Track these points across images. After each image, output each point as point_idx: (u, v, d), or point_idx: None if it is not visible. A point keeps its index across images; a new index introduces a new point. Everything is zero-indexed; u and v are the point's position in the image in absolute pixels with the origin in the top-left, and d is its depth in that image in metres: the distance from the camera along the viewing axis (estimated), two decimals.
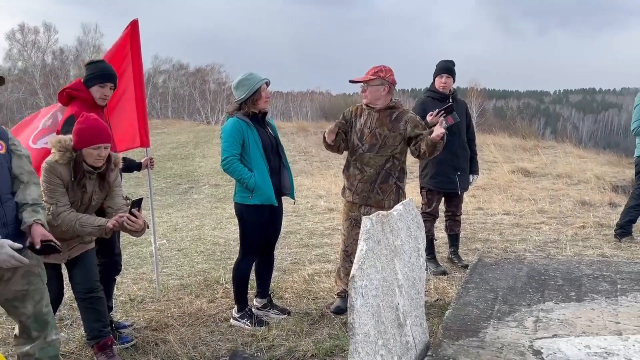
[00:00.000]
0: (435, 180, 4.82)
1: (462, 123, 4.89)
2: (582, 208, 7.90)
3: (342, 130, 3.91)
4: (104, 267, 3.58)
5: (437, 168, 4.80)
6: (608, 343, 2.61)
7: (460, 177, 4.84)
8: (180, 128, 22.90)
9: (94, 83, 3.47)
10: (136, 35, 4.02)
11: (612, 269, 3.80)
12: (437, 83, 4.86)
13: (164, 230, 7.07)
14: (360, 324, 2.18)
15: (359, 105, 3.98)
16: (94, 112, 3.49)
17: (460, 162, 4.84)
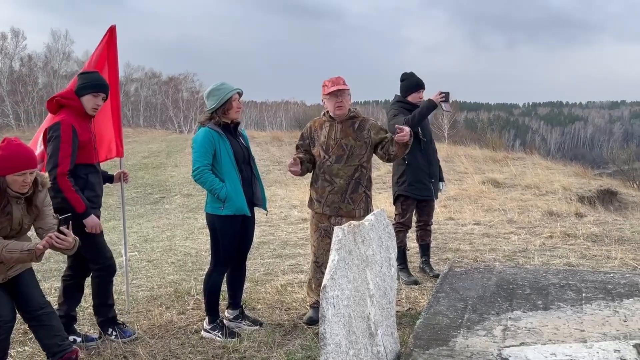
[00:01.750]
0: (413, 187, 4.88)
1: (431, 133, 5.07)
2: (549, 218, 8.08)
3: (304, 154, 3.93)
4: (99, 272, 3.64)
5: (414, 175, 4.87)
6: (573, 350, 2.67)
7: (434, 185, 4.97)
8: (152, 137, 22.62)
9: (87, 92, 3.50)
10: (113, 41, 3.98)
11: (577, 278, 3.89)
12: (413, 98, 4.94)
13: (134, 241, 6.95)
14: (332, 334, 2.18)
15: (317, 119, 3.98)
16: (84, 122, 3.54)
17: (433, 169, 4.99)
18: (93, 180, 3.59)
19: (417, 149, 4.85)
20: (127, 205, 4.39)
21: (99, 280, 3.67)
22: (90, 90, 3.49)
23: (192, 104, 55.53)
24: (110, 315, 3.74)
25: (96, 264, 3.63)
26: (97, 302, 3.72)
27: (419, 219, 5.12)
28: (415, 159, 4.86)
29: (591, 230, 7.08)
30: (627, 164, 23.68)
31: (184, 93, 58.62)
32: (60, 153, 3.36)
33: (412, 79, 5.00)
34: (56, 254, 5.77)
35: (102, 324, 3.72)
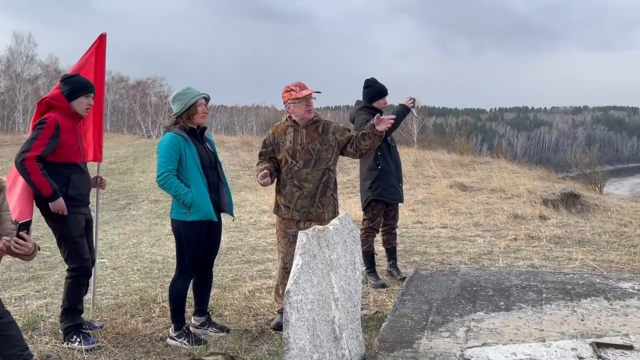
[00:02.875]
0: (387, 192, 4.95)
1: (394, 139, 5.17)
2: (514, 221, 8.27)
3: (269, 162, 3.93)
4: (73, 273, 3.64)
5: (387, 180, 4.96)
6: (532, 350, 2.74)
7: (401, 188, 5.09)
8: (119, 142, 22.25)
9: (79, 95, 3.65)
10: (102, 49, 4.12)
11: (538, 279, 4.00)
12: (379, 104, 5.06)
13: (100, 248, 6.81)
14: (296, 338, 2.19)
15: (280, 125, 3.98)
16: (70, 122, 3.64)
17: (400, 174, 5.13)
18: (76, 180, 3.64)
19: (387, 153, 4.97)
20: (93, 212, 4.33)
21: (72, 282, 3.64)
22: (83, 92, 3.67)
23: (160, 108, 54.77)
24: (78, 322, 3.67)
25: (72, 264, 3.62)
26: (67, 306, 3.66)
27: (385, 222, 5.17)
28: (387, 163, 4.97)
29: (554, 232, 7.27)
30: (590, 168, 24.40)
31: (152, 97, 57.85)
32: (35, 141, 3.49)
33: (376, 86, 5.10)
34: (17, 262, 5.62)
35: (66, 330, 3.63)
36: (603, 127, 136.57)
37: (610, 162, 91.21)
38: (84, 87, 3.69)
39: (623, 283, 3.89)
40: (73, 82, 3.69)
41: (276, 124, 4.05)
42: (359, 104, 5.15)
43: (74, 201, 3.61)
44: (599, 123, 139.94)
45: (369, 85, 5.11)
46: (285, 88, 3.88)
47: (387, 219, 5.15)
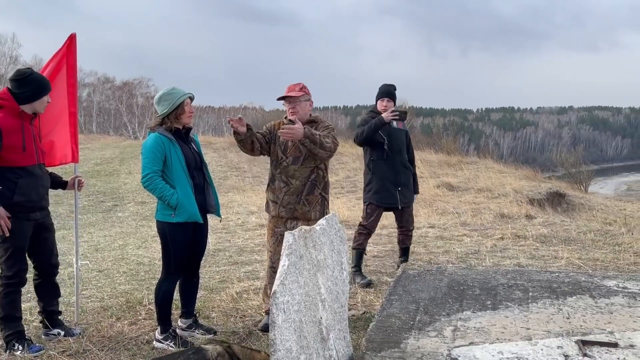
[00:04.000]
0: (378, 195, 5.03)
1: (402, 142, 5.13)
2: (501, 220, 8.33)
3: (264, 136, 3.91)
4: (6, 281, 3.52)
5: (379, 184, 5.02)
6: (519, 348, 2.76)
7: (401, 193, 5.04)
8: (105, 143, 22.05)
9: (42, 95, 3.53)
10: (73, 49, 4.03)
11: (525, 278, 4.02)
12: (379, 105, 5.12)
13: (84, 250, 6.74)
14: (282, 339, 2.18)
15: (281, 120, 4.02)
16: (17, 122, 3.47)
17: (401, 178, 5.06)
18: (24, 185, 3.47)
19: (382, 158, 5.01)
20: (77, 213, 4.28)
21: (5, 291, 3.53)
22: (44, 92, 3.55)
23: (147, 109, 54.31)
24: (19, 329, 3.58)
25: (7, 271, 3.51)
26: (2, 315, 3.54)
27: (399, 225, 5.25)
28: (380, 168, 5.01)
29: (540, 231, 7.34)
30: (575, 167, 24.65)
31: (138, 98, 57.36)
32: None
33: (381, 88, 5.17)
34: None
35: (7, 339, 3.54)
36: (588, 127, 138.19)
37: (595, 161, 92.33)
38: (45, 86, 3.57)
39: (608, 281, 3.92)
40: (34, 81, 3.51)
41: (279, 120, 4.08)
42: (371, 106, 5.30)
43: (20, 207, 3.46)
44: (584, 123, 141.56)
45: (380, 87, 5.19)
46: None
47: (400, 221, 5.20)
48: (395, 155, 5.05)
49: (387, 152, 5.01)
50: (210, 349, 2.62)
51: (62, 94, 4.00)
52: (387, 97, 5.11)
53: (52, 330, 3.79)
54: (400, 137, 5.14)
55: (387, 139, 5.00)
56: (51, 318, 3.82)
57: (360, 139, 5.06)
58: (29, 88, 3.49)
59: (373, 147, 5.06)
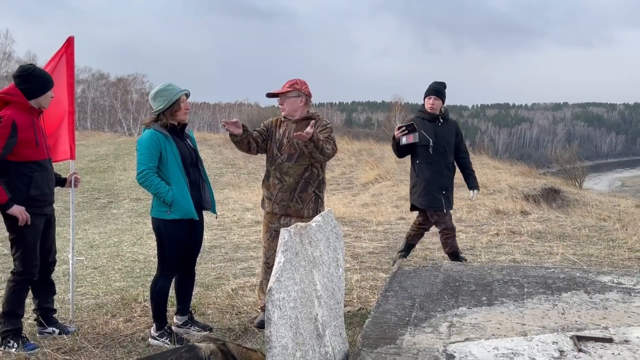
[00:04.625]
0: (422, 199, 4.92)
1: (450, 143, 4.99)
2: (496, 216, 8.35)
3: (261, 134, 3.92)
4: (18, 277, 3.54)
5: (424, 187, 4.91)
6: (514, 344, 2.76)
7: (446, 196, 4.94)
8: (99, 140, 21.98)
9: (46, 90, 3.57)
10: (71, 51, 4.11)
11: (520, 274, 4.03)
12: (426, 104, 4.99)
13: (79, 247, 6.72)
14: (278, 336, 2.17)
15: (279, 117, 4.01)
16: (29, 117, 3.52)
17: (445, 181, 4.94)
18: (39, 178, 3.53)
19: (426, 160, 4.90)
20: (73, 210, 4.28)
21: (15, 286, 3.56)
22: (49, 87, 3.59)
23: (142, 105, 54.10)
24: (17, 326, 3.58)
25: (19, 267, 3.54)
26: (6, 309, 3.56)
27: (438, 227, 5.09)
28: (424, 171, 4.90)
29: (535, 227, 7.36)
30: (570, 164, 24.73)
31: (133, 95, 57.13)
32: None
33: (429, 85, 5.03)
34: None
35: (4, 335, 3.54)
36: (582, 124, 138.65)
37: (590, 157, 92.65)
38: (49, 80, 3.62)
39: (602, 277, 3.94)
40: (38, 76, 3.55)
41: (277, 116, 4.07)
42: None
43: (36, 202, 3.51)
44: (579, 119, 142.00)
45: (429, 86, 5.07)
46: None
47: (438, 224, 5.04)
48: (440, 157, 4.91)
49: (432, 155, 4.88)
50: (204, 347, 2.61)
51: (63, 93, 4.08)
52: (434, 95, 4.96)
53: (46, 328, 3.78)
54: (447, 136, 4.98)
55: (433, 139, 4.87)
56: (46, 316, 3.81)
57: (396, 156, 5.08)
58: (33, 83, 3.54)
59: (416, 149, 4.94)
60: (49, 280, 3.84)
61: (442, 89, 5.01)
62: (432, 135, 4.88)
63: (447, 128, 4.99)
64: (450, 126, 5.06)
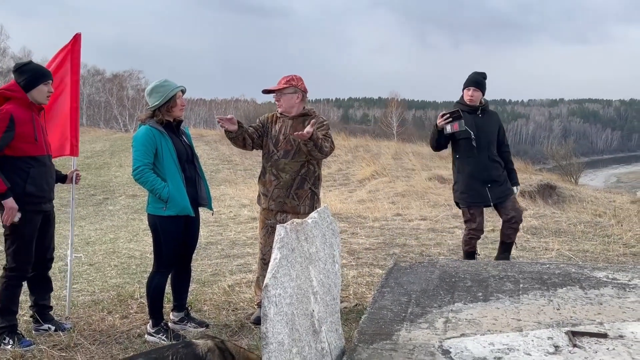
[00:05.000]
0: (465, 195, 4.69)
1: (491, 134, 4.71)
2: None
3: (256, 130, 3.91)
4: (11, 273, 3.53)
5: (466, 183, 4.68)
6: (510, 339, 2.77)
7: (492, 189, 4.63)
8: (95, 136, 21.91)
9: (38, 83, 3.53)
10: (77, 48, 4.12)
11: (515, 270, 4.04)
12: (465, 95, 4.74)
13: (75, 244, 6.69)
14: (274, 332, 2.17)
15: (274, 113, 4.01)
16: (28, 113, 3.52)
17: (490, 174, 4.64)
18: (36, 175, 3.51)
19: (467, 154, 4.65)
20: (67, 207, 4.29)
21: (7, 283, 3.54)
22: (41, 80, 3.55)
23: (137, 102, 53.87)
24: (12, 322, 3.57)
25: (12, 263, 3.52)
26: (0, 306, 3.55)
27: (503, 217, 4.77)
28: (466, 165, 4.67)
29: (531, 223, 7.38)
30: (566, 160, 24.81)
31: (129, 91, 56.93)
32: None
33: (468, 77, 4.77)
34: None
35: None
36: (578, 120, 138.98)
37: (585, 153, 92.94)
38: (42, 74, 3.58)
39: (597, 272, 3.95)
40: (30, 70, 3.56)
41: (273, 112, 4.06)
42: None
43: (33, 198, 3.50)
44: (575, 115, 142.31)
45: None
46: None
47: (502, 214, 4.76)
48: (483, 150, 4.61)
49: (475, 148, 4.59)
50: (201, 344, 2.61)
51: (66, 90, 4.11)
52: (472, 87, 4.67)
53: (42, 325, 3.78)
54: (489, 128, 4.70)
55: (475, 132, 4.58)
56: (42, 313, 3.80)
57: (433, 149, 4.81)
58: (25, 77, 3.53)
59: (457, 143, 4.68)
60: (46, 277, 3.83)
61: (481, 79, 4.74)
62: (473, 128, 4.59)
63: (488, 120, 4.73)
64: (492, 118, 4.79)
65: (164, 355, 2.51)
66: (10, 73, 3.73)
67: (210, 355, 2.55)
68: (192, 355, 2.54)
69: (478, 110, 4.70)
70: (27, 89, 3.52)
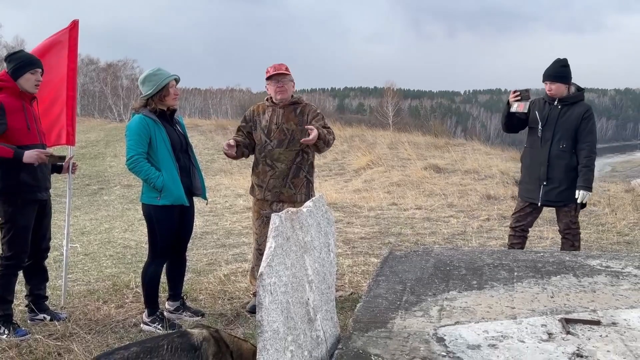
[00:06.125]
0: (521, 187, 4.52)
1: (566, 130, 4.27)
2: (487, 201, 8.39)
3: (244, 138, 3.94)
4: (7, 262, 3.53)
5: (522, 174, 4.51)
6: (504, 327, 2.79)
7: (547, 189, 4.31)
8: (89, 126, 21.78)
9: (24, 71, 3.49)
10: (75, 35, 4.08)
11: (510, 258, 4.05)
12: (546, 88, 4.38)
13: (70, 234, 6.68)
14: (269, 321, 2.17)
15: (261, 104, 3.98)
16: (19, 102, 3.50)
17: (549, 171, 4.28)
18: (30, 166, 3.49)
19: (531, 145, 4.39)
20: (63, 197, 4.27)
21: (3, 272, 3.54)
22: (27, 68, 3.51)
23: (132, 91, 53.50)
24: (8, 312, 3.58)
25: (8, 252, 3.52)
26: None
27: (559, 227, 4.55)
28: (526, 156, 4.47)
29: None
30: None
31: (123, 80, 56.55)
32: None
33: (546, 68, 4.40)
34: None
35: None
36: None
37: None
38: (29, 62, 3.54)
39: (591, 260, 3.97)
40: (17, 58, 3.54)
41: (258, 103, 4.05)
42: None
43: (27, 187, 3.49)
44: None
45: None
46: (266, 69, 3.90)
47: (557, 222, 4.55)
48: (547, 144, 4.26)
49: (539, 140, 4.30)
50: (196, 333, 2.61)
51: (62, 78, 4.07)
52: (548, 81, 4.32)
53: (38, 314, 3.78)
54: (565, 122, 4.26)
55: (544, 123, 4.28)
56: (37, 302, 3.80)
57: (502, 128, 4.54)
58: (12, 65, 3.51)
59: (528, 132, 4.42)
60: (41, 266, 3.83)
61: (555, 72, 4.31)
62: (543, 118, 4.29)
63: (568, 113, 4.27)
64: (574, 111, 4.29)
65: (159, 344, 2.51)
66: (3, 62, 3.65)
67: (206, 344, 2.56)
68: (188, 344, 2.55)
69: (555, 101, 4.32)
70: (14, 77, 3.50)
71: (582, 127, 4.27)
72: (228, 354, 2.62)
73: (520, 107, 4.30)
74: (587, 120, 4.29)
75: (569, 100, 4.32)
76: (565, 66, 4.34)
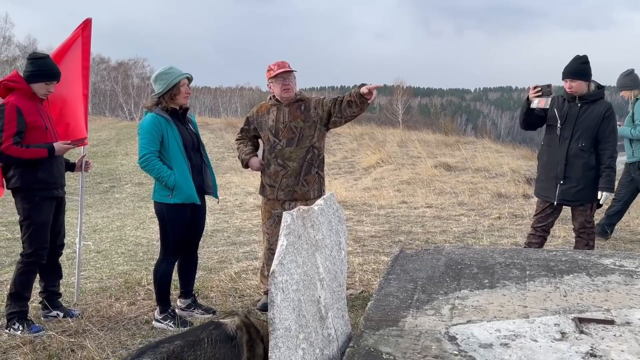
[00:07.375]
0: (537, 185, 4.49)
1: (586, 128, 4.19)
2: (498, 200, 8.34)
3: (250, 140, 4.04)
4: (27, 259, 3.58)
5: (539, 172, 4.48)
6: (516, 326, 2.77)
7: (564, 188, 4.26)
8: (101, 124, 21.95)
9: (40, 80, 3.53)
10: (87, 34, 4.10)
11: (522, 257, 4.03)
12: (565, 86, 4.32)
13: (83, 231, 6.74)
14: (281, 319, 2.18)
15: (264, 104, 3.97)
16: (32, 103, 3.55)
17: (566, 170, 4.22)
18: (47, 162, 3.56)
19: (549, 143, 4.35)
20: (75, 195, 4.31)
21: (23, 268, 3.59)
22: (44, 78, 3.55)
23: (143, 90, 53.84)
24: (23, 308, 3.61)
25: (28, 249, 3.57)
26: (13, 290, 3.60)
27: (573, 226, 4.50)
28: (544, 154, 4.41)
29: None
30: None
31: (134, 79, 56.87)
32: (3, 134, 3.39)
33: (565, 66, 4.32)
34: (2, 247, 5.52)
35: (9, 316, 3.58)
36: None
37: None
38: (49, 74, 3.57)
39: (604, 259, 3.94)
40: (39, 65, 3.57)
41: (261, 103, 4.05)
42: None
43: (45, 184, 3.55)
44: None
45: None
46: (268, 67, 3.87)
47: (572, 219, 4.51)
48: (566, 142, 4.19)
49: (557, 138, 4.23)
50: (229, 323, 2.65)
51: (77, 76, 4.09)
52: (568, 78, 4.23)
53: (51, 311, 3.82)
54: (585, 120, 4.18)
55: (563, 121, 4.21)
56: (51, 299, 3.84)
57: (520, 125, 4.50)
58: (31, 69, 3.55)
59: (546, 130, 4.36)
60: (56, 263, 3.87)
61: (575, 69, 4.23)
62: (562, 116, 4.22)
63: (588, 111, 4.19)
64: (594, 110, 4.20)
65: (199, 337, 2.56)
66: (16, 61, 3.69)
67: (240, 332, 2.61)
68: (224, 335, 2.60)
69: (575, 99, 4.25)
70: (29, 81, 3.53)
71: (603, 126, 4.18)
72: (259, 339, 2.66)
73: (542, 103, 4.21)
74: (609, 119, 4.21)
75: (589, 98, 4.24)
76: (586, 63, 4.27)
